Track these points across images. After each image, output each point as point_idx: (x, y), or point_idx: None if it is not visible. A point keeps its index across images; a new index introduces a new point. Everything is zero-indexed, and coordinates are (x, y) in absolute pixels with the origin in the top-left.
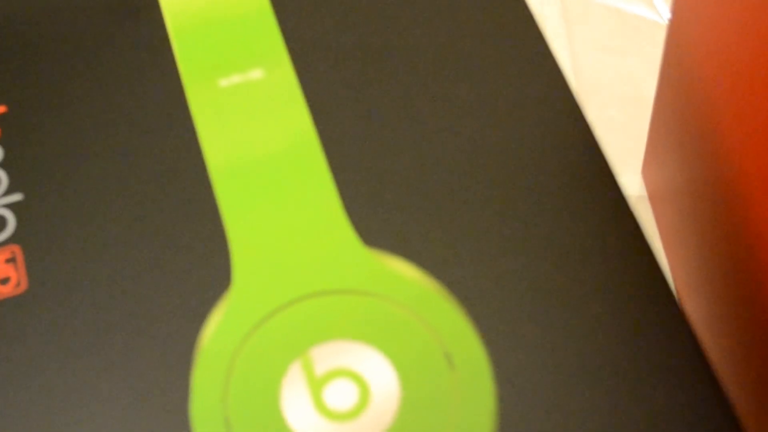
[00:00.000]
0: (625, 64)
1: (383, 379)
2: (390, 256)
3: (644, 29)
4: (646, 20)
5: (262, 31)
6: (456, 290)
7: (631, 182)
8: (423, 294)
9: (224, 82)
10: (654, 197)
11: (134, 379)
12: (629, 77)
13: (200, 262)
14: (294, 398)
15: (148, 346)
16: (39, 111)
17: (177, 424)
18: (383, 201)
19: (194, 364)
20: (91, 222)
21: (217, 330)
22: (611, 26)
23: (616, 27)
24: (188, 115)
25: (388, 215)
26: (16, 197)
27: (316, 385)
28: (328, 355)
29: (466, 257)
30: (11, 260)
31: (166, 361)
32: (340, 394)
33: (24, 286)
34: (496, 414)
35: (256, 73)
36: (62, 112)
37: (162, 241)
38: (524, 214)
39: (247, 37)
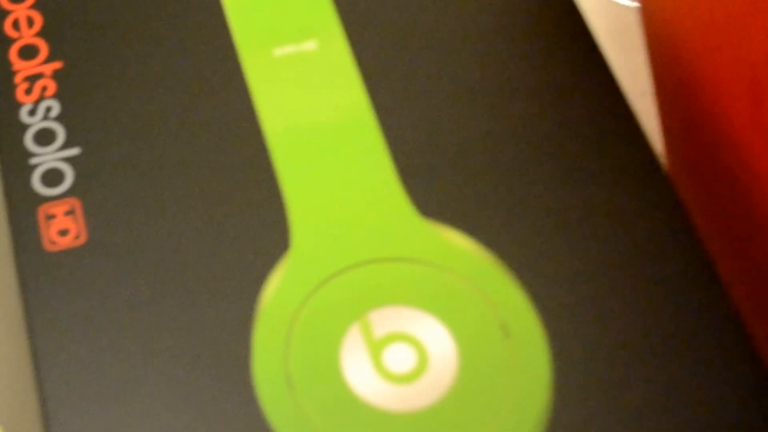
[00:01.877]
0: (633, 60)
1: (440, 344)
2: (445, 227)
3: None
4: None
5: (316, 2)
6: (511, 262)
7: None
8: (478, 264)
9: (278, 52)
10: (678, 184)
11: (195, 336)
12: (637, 73)
13: (259, 224)
14: (353, 359)
15: (209, 303)
16: (94, 68)
17: (240, 381)
18: (438, 172)
19: (255, 324)
20: (148, 179)
21: (277, 291)
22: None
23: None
24: (243, 81)
25: (442, 187)
26: (74, 151)
27: (376, 348)
28: (386, 319)
29: (522, 229)
30: (70, 212)
31: (227, 320)
32: (399, 358)
33: (83, 238)
34: (551, 384)
35: (310, 45)
36: (118, 71)
37: (220, 201)
38: (581, 189)
39: (301, 9)
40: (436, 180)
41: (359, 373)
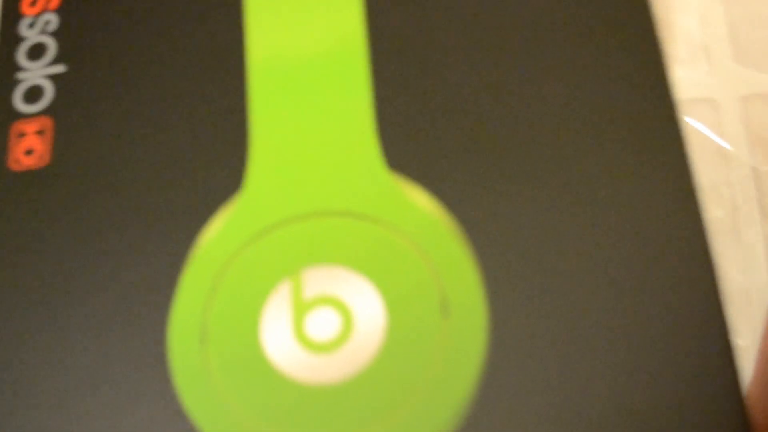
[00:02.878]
0: None
1: (370, 316)
2: (412, 183)
3: None
4: None
5: None
6: (470, 231)
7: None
8: (434, 231)
9: None
10: None
11: (129, 271)
12: None
13: (218, 159)
14: (275, 320)
15: (150, 237)
16: None
17: (155, 323)
18: (419, 124)
19: (187, 265)
20: (123, 105)
21: (217, 233)
22: None
23: None
24: (240, 4)
25: (420, 140)
26: (60, 68)
27: (301, 309)
28: (321, 279)
29: (489, 199)
30: (41, 132)
31: (162, 257)
32: (323, 324)
33: (47, 160)
34: (482, 369)
35: None
36: None
37: (187, 129)
38: (560, 168)
39: None
40: (415, 133)
41: (277, 337)
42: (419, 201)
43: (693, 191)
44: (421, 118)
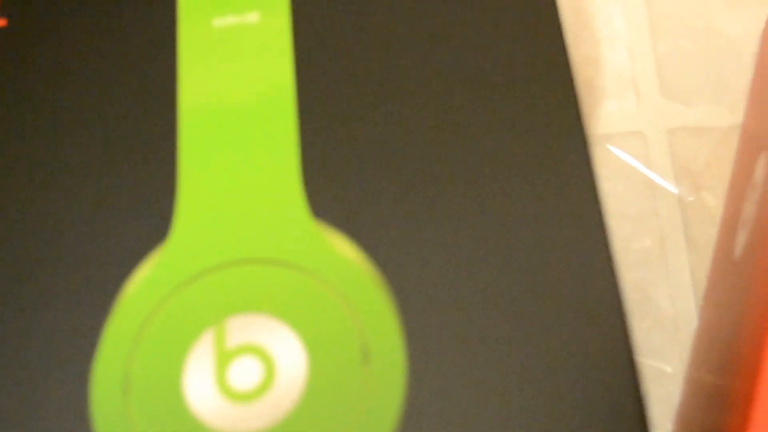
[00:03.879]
0: None
1: (293, 363)
2: (336, 231)
3: None
4: None
5: None
6: (391, 279)
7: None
8: (356, 279)
9: (218, 21)
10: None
11: (53, 319)
12: (704, 9)
13: (145, 207)
14: (198, 369)
15: (75, 285)
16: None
17: (78, 372)
18: (346, 173)
19: (111, 315)
20: (50, 150)
21: (143, 282)
22: None
23: None
24: (175, 48)
25: (346, 189)
26: None
27: (224, 359)
28: (245, 327)
29: (410, 248)
30: None
31: (86, 306)
32: (245, 373)
33: None
34: (402, 416)
35: (252, 16)
36: (61, 21)
37: (115, 177)
38: (478, 215)
39: None
40: (341, 181)
41: (200, 386)
42: (342, 249)
43: (603, 228)
44: (346, 167)
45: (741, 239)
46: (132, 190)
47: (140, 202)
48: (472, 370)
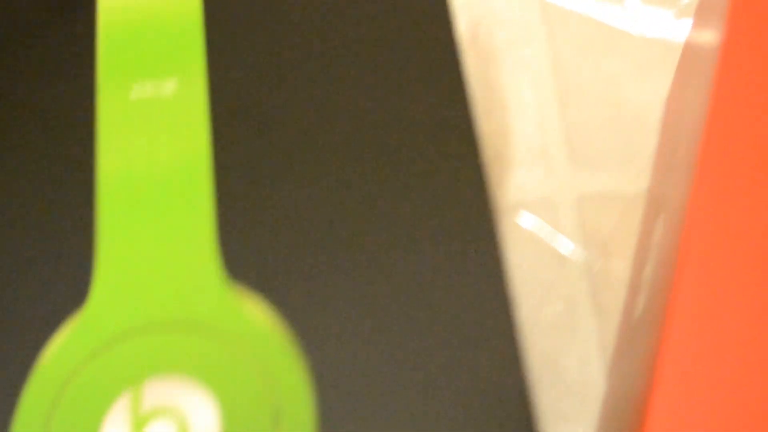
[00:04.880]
0: (604, 68)
1: (207, 427)
2: (251, 294)
3: (617, 36)
4: (617, 29)
5: (187, 42)
6: (304, 342)
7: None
8: (268, 341)
9: (136, 88)
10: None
11: None
12: (610, 79)
13: (63, 271)
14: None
15: None
16: None
17: None
18: (260, 237)
19: (27, 383)
20: None
21: (60, 348)
22: (589, 30)
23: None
24: (93, 115)
25: (260, 253)
26: None
27: (139, 423)
28: (161, 391)
29: (323, 310)
30: None
31: (3, 372)
32: None
33: None
34: None
35: (169, 85)
36: None
37: (32, 241)
38: (391, 281)
39: (171, 47)
40: (255, 245)
41: None
42: (256, 312)
43: (506, 294)
44: (261, 232)
45: (640, 302)
46: (51, 256)
47: (59, 268)
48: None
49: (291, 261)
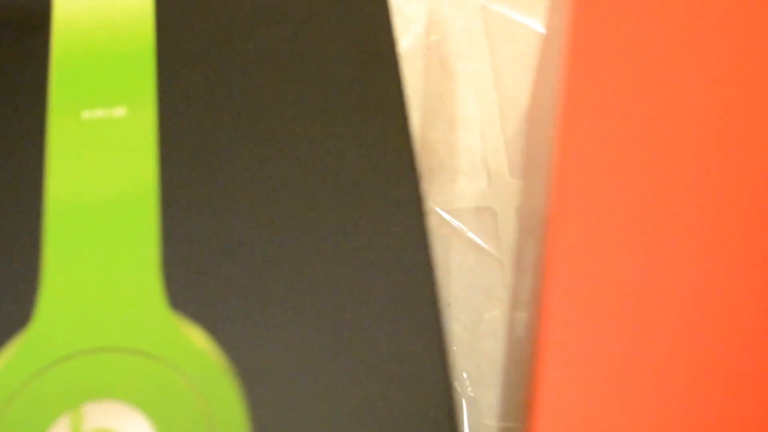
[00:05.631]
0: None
1: None
2: (191, 322)
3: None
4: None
5: (138, 70)
6: (241, 369)
7: None
8: (207, 368)
9: (87, 114)
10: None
11: None
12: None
13: (8, 293)
14: None
15: None
16: None
17: None
18: (204, 267)
19: None
20: None
21: (3, 368)
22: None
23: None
24: (44, 139)
25: (203, 283)
26: None
27: None
28: (100, 414)
29: (261, 341)
30: None
31: None
32: None
33: None
34: None
35: (119, 111)
36: None
37: None
38: (327, 309)
39: (122, 74)
40: (198, 275)
41: None
42: (196, 340)
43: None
44: (205, 261)
45: (521, 318)
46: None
47: (4, 287)
48: None
49: (231, 292)
